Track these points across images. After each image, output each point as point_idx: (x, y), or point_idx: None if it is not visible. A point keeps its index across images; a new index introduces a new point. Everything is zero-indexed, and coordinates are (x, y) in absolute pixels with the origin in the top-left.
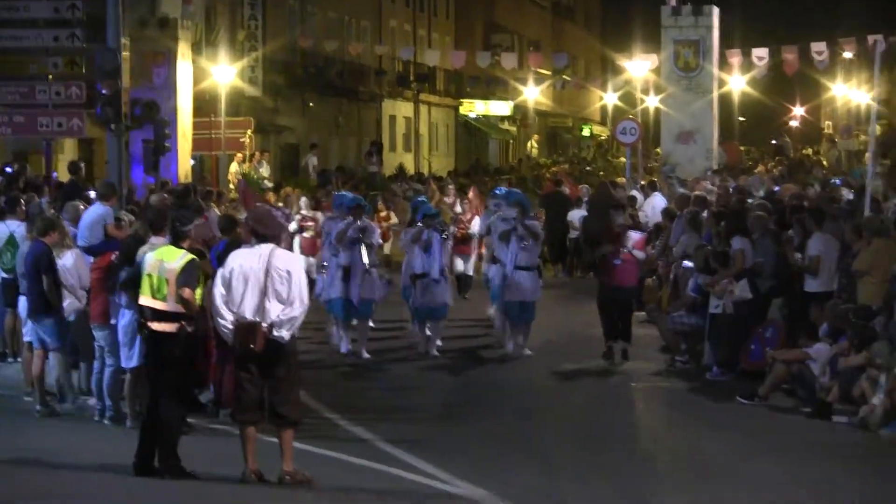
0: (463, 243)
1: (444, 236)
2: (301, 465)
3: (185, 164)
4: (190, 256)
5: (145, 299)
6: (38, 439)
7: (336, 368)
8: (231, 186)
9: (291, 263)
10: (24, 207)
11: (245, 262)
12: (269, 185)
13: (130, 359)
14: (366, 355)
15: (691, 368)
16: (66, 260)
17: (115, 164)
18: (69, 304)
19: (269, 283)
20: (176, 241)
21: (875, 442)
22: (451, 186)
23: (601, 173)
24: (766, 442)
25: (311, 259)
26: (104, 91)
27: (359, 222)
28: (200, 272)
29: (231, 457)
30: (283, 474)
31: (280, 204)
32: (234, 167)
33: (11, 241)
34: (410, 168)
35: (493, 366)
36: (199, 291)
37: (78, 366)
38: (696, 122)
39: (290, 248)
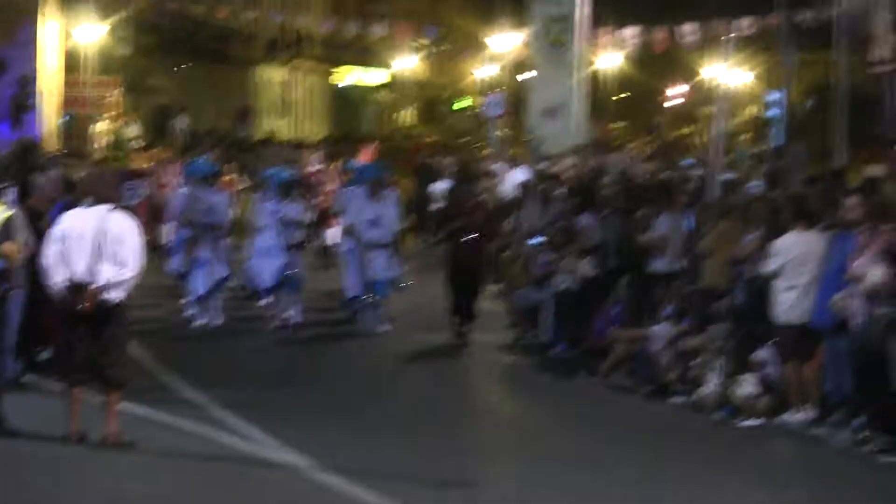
0: (328, 216)
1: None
2: (129, 427)
3: (51, 121)
4: (9, 213)
5: None
6: None
7: (182, 333)
8: (96, 146)
9: (127, 225)
10: None
11: (80, 221)
12: (139, 145)
13: None
14: (218, 321)
15: (536, 345)
16: None
17: None
18: None
19: (104, 243)
20: None
21: (708, 424)
22: (314, 155)
23: (477, 145)
24: (599, 420)
25: None
26: None
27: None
28: (16, 229)
29: (61, 417)
30: (105, 436)
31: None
32: (99, 126)
33: None
34: (284, 134)
35: (344, 339)
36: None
37: None
38: (564, 98)
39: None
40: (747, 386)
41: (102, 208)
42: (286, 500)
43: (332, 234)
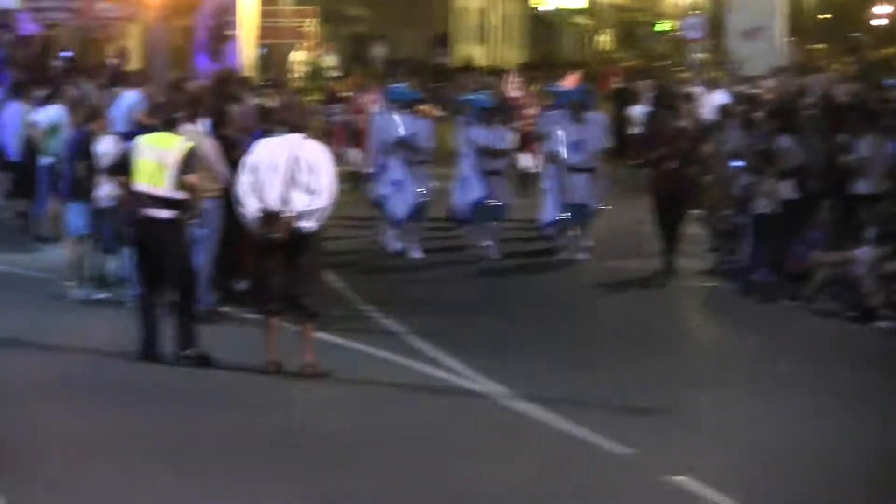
0: (528, 140)
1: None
2: (325, 357)
3: (249, 52)
4: (190, 144)
5: (142, 185)
6: (67, 324)
7: (379, 263)
8: (294, 76)
9: (320, 154)
10: (70, 92)
11: (272, 151)
12: (336, 74)
13: None
14: (418, 254)
15: (737, 269)
16: (105, 146)
17: (157, 50)
18: (107, 189)
19: (296, 172)
20: (168, 128)
21: None
22: (513, 78)
23: (676, 69)
24: (801, 344)
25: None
26: None
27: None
28: (199, 161)
29: (258, 348)
30: (302, 366)
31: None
32: (298, 56)
33: (55, 126)
34: (482, 60)
35: (542, 267)
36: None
37: (116, 252)
38: (764, 19)
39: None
40: None
41: (296, 137)
42: (484, 428)
43: (533, 160)
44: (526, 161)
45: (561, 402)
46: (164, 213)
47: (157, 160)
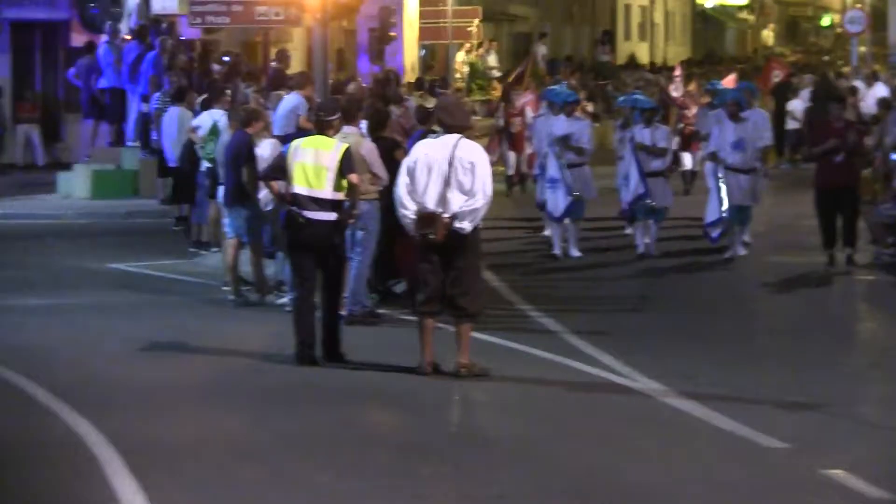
0: (689, 139)
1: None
2: (484, 357)
3: (411, 53)
4: (346, 145)
5: (300, 188)
6: (225, 328)
7: (540, 264)
8: (457, 76)
9: (477, 154)
10: (229, 97)
11: (430, 151)
12: (498, 74)
13: None
14: (576, 253)
15: None
16: (264, 149)
17: (318, 53)
18: (266, 194)
19: (453, 173)
20: (322, 131)
21: None
22: (676, 78)
23: (839, 62)
24: None
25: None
26: None
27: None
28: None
29: (416, 349)
30: (458, 366)
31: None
32: (460, 56)
33: (214, 130)
34: (644, 58)
35: (702, 265)
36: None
37: (275, 256)
38: None
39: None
40: None
41: (452, 137)
42: (643, 425)
43: (696, 159)
44: (688, 160)
45: (719, 398)
46: (324, 216)
47: (315, 162)
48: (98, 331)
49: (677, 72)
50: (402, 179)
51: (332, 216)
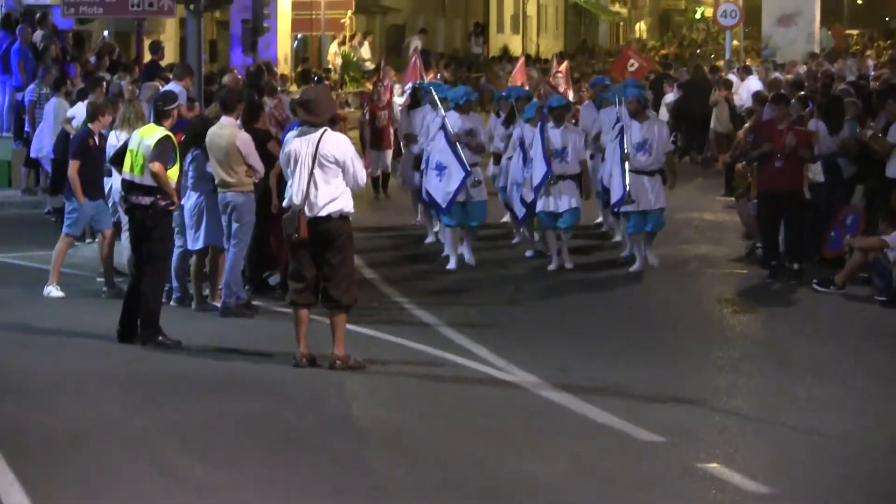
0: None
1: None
2: (358, 349)
3: (284, 44)
4: (165, 133)
5: (126, 174)
6: (99, 319)
7: (413, 255)
8: (331, 67)
9: (341, 148)
10: (104, 88)
11: (296, 145)
12: (371, 66)
13: (196, 240)
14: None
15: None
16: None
17: (193, 44)
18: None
19: (317, 167)
20: (157, 120)
21: None
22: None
23: (711, 56)
24: (834, 329)
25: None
26: None
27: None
28: (175, 150)
29: (290, 340)
30: (333, 358)
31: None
32: (333, 48)
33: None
34: (518, 50)
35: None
36: (174, 169)
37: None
38: (798, 5)
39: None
40: None
41: (319, 130)
42: (517, 417)
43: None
44: None
45: (593, 391)
46: (143, 201)
47: (138, 149)
48: None
49: (561, 67)
50: (276, 172)
51: (147, 200)
